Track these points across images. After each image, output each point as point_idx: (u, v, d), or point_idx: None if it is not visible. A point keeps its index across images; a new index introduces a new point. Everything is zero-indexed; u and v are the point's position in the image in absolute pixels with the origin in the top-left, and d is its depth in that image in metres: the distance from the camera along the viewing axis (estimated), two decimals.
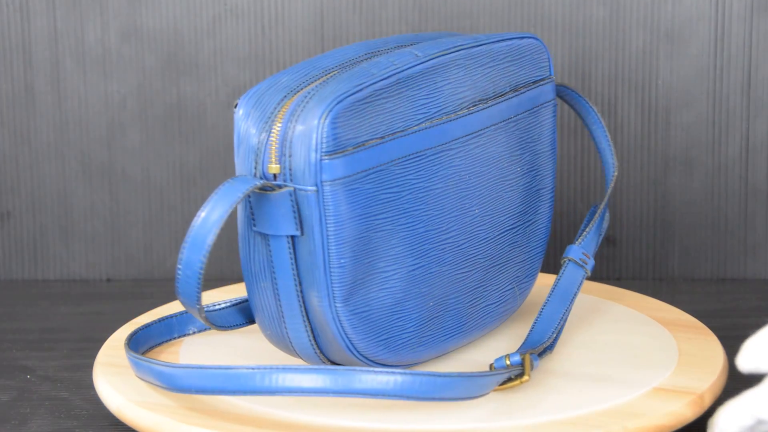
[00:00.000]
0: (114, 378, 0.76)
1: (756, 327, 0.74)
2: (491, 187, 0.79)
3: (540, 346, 0.78)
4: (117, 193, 1.03)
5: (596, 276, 1.03)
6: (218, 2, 1.01)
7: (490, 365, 0.76)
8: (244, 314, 0.80)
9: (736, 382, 0.77)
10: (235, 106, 0.72)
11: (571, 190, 1.02)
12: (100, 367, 0.78)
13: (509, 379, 0.75)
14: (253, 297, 0.74)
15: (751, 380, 0.69)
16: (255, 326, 0.81)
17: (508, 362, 0.75)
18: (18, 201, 1.04)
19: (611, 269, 1.03)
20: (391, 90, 0.72)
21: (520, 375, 0.75)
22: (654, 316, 0.87)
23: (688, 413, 0.73)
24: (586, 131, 1.01)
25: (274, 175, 0.71)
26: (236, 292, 0.91)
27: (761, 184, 1.01)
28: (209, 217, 0.69)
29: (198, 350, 0.80)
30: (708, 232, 1.02)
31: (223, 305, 0.80)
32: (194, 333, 0.82)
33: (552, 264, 1.02)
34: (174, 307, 0.89)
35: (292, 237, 0.71)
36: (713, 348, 0.81)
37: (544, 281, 0.91)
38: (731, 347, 0.76)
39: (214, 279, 1.04)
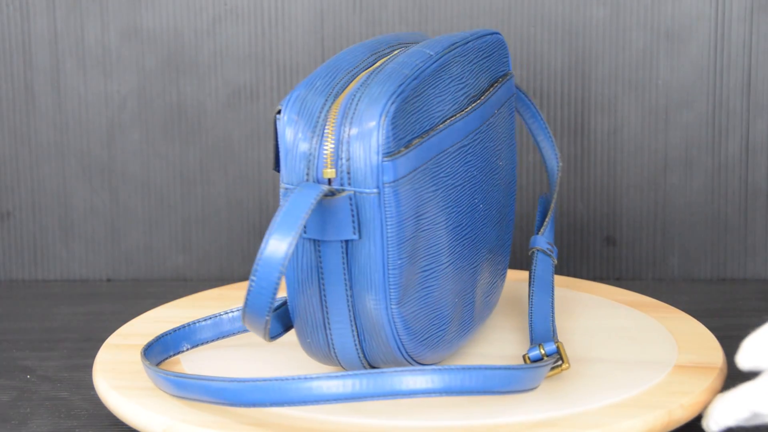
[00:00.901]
0: (147, 400, 0.73)
1: (756, 327, 0.74)
2: (488, 181, 0.80)
3: (554, 335, 0.79)
4: (117, 193, 1.03)
5: (596, 276, 1.03)
6: (218, 2, 1.01)
7: (524, 357, 0.77)
8: (281, 322, 0.77)
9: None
10: (278, 113, 0.71)
11: (570, 190, 1.02)
12: (117, 391, 0.75)
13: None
14: (296, 305, 0.73)
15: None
16: (245, 340, 0.81)
17: (542, 351, 0.76)
18: (18, 201, 1.04)
19: (611, 269, 1.03)
20: (418, 89, 0.72)
21: (558, 363, 0.76)
22: (615, 299, 0.89)
23: (718, 385, 0.75)
24: (585, 132, 1.01)
25: (329, 180, 0.70)
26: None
27: (761, 184, 1.01)
28: (284, 228, 0.67)
29: (205, 366, 0.79)
30: (708, 232, 1.02)
31: None
32: (188, 349, 0.80)
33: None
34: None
35: (346, 241, 0.70)
36: (692, 323, 0.84)
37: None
38: (731, 347, 0.76)
39: (214, 279, 1.04)
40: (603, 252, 1.03)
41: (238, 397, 0.69)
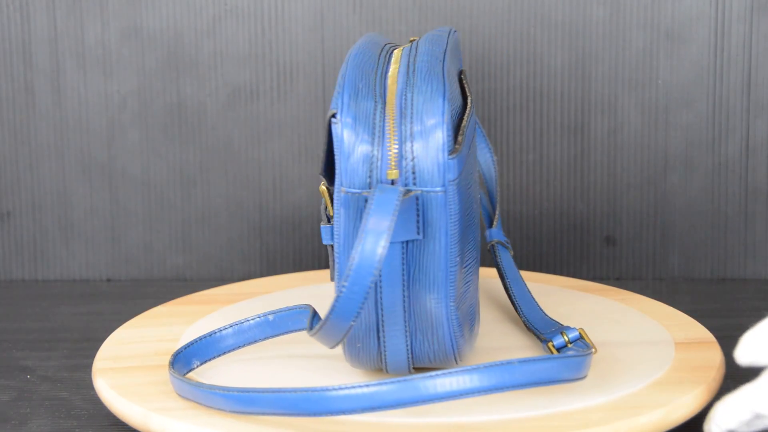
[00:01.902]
0: (200, 419, 0.70)
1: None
2: (476, 176, 0.81)
3: (558, 323, 0.80)
4: (117, 193, 1.03)
5: (596, 276, 1.03)
6: (218, 2, 1.01)
7: (549, 345, 0.78)
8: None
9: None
10: (333, 116, 0.70)
11: (571, 190, 1.02)
12: (160, 413, 0.71)
13: None
14: None
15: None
16: (247, 355, 0.79)
17: (566, 338, 0.77)
18: (18, 201, 1.04)
19: (611, 269, 1.03)
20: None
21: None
22: (566, 285, 0.91)
23: (724, 357, 0.78)
24: (585, 132, 1.01)
25: (392, 181, 0.69)
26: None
27: (761, 184, 1.01)
28: (374, 232, 0.66)
29: (227, 380, 0.76)
30: (708, 232, 1.02)
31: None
32: (198, 366, 0.78)
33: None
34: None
35: (406, 242, 0.70)
36: (652, 303, 0.87)
37: None
38: (731, 347, 0.76)
39: (214, 279, 1.04)
40: (603, 252, 1.03)
41: (322, 406, 0.67)
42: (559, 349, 0.77)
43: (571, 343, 0.77)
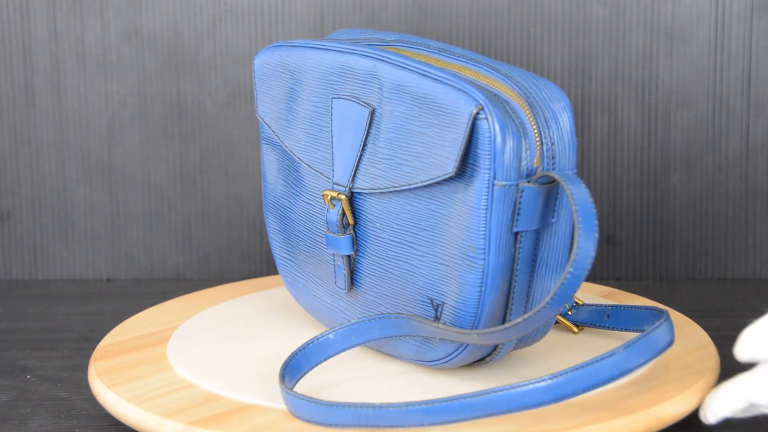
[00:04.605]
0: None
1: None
2: None
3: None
4: (117, 193, 1.03)
5: (596, 276, 1.03)
6: (218, 2, 1.01)
7: (567, 313, 0.80)
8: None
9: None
10: (478, 113, 0.69)
11: None
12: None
13: None
14: (486, 303, 0.70)
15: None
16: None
17: (566, 305, 0.79)
18: (18, 201, 1.04)
19: (611, 269, 1.03)
20: None
21: None
22: None
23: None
24: (585, 131, 1.01)
25: (536, 169, 0.69)
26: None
27: (761, 184, 1.01)
28: (587, 219, 0.66)
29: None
30: (708, 232, 1.02)
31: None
32: (292, 386, 0.73)
33: None
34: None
35: (538, 228, 0.70)
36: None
37: None
38: (731, 347, 0.76)
39: (214, 279, 1.04)
40: (603, 252, 1.03)
41: (454, 413, 0.66)
42: (564, 316, 0.80)
43: (571, 309, 0.79)
